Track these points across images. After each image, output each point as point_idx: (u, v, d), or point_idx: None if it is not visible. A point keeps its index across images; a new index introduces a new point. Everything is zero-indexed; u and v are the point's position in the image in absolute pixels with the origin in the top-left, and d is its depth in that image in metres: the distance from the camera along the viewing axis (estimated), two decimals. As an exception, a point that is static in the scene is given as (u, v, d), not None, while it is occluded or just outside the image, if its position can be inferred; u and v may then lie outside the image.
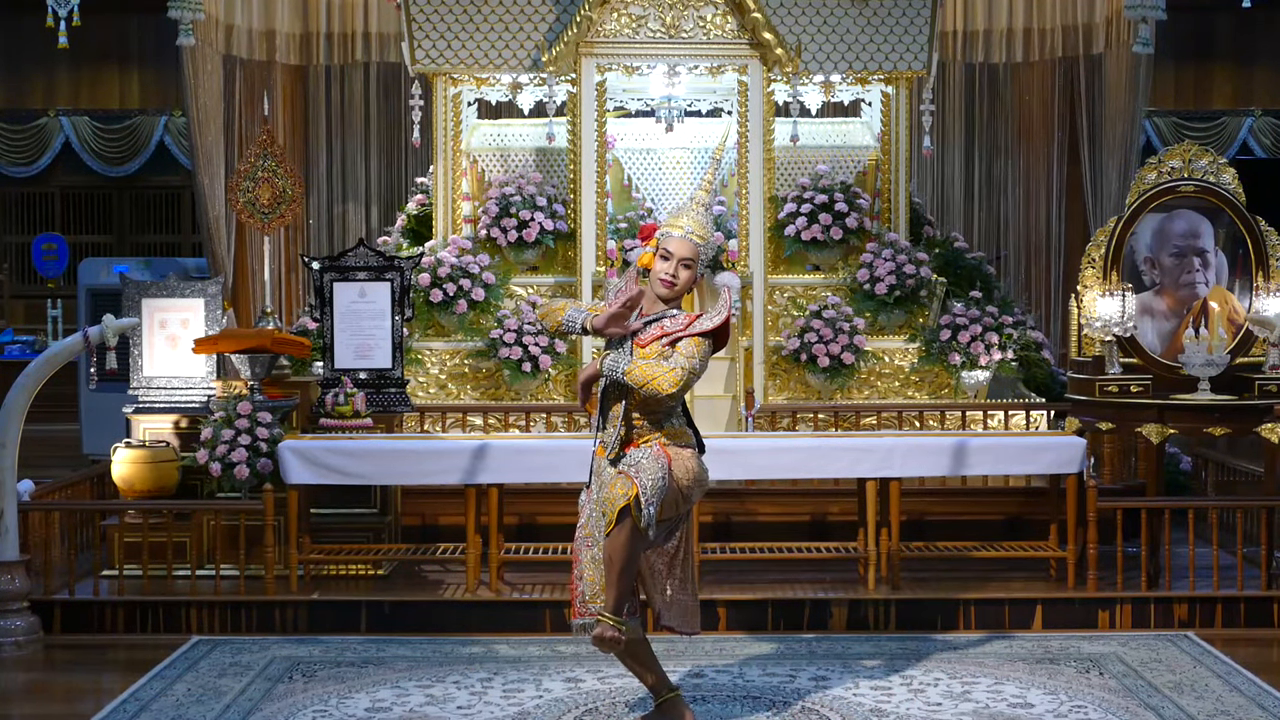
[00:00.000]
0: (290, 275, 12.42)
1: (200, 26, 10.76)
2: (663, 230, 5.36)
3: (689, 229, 5.33)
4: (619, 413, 5.33)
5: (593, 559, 5.35)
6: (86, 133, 16.28)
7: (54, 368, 7.39)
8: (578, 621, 5.40)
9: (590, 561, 5.36)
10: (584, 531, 5.42)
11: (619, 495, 5.17)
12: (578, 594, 5.39)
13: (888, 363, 10.10)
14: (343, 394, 8.18)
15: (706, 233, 5.36)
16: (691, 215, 5.37)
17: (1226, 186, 8.04)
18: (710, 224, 5.40)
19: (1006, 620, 7.35)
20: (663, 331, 5.28)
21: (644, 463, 5.24)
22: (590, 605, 5.34)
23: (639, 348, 5.27)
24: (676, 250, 5.29)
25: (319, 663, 6.73)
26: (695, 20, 9.92)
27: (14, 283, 16.62)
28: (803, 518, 8.67)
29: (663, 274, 5.30)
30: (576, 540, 5.46)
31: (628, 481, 5.18)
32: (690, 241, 5.31)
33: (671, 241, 5.31)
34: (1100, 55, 11.61)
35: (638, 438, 5.33)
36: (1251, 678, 6.38)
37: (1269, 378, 7.68)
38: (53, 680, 6.76)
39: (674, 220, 5.38)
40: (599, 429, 5.41)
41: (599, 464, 5.42)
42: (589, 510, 5.43)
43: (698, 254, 5.32)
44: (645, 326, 5.31)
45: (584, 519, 5.45)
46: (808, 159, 10.61)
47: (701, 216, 5.37)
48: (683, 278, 5.31)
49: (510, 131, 10.82)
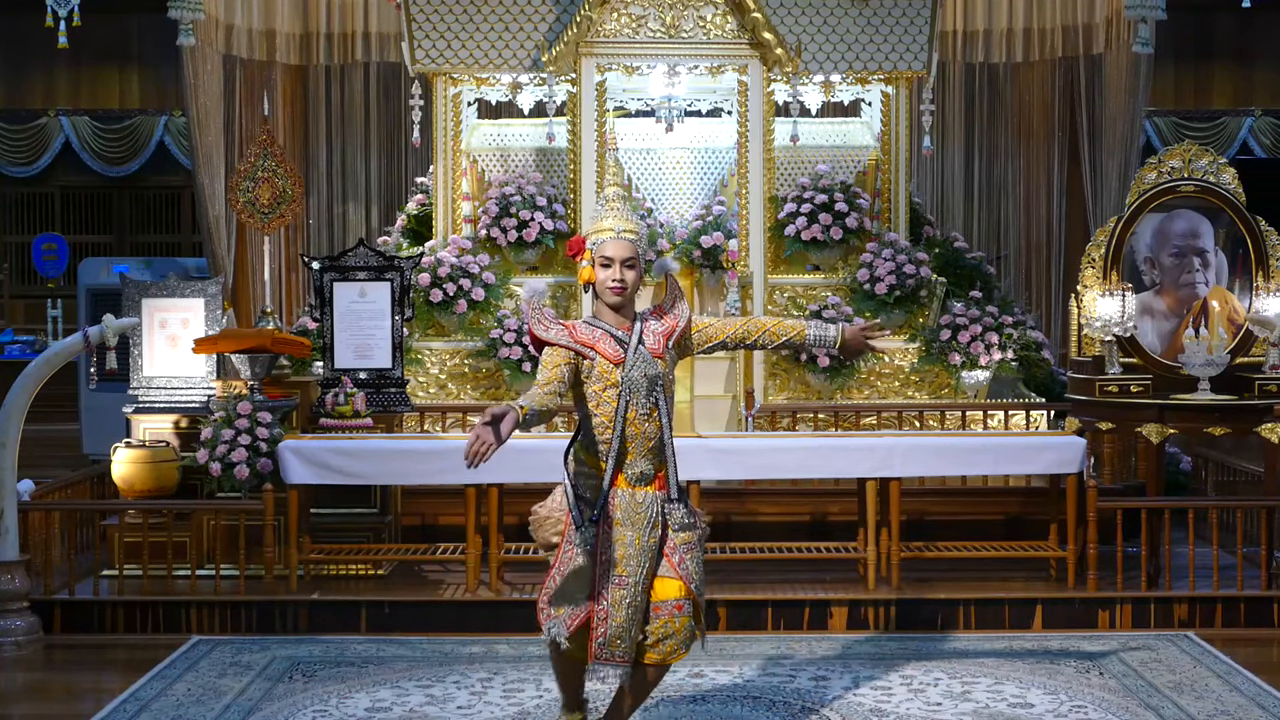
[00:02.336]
0: (290, 275, 12.42)
1: (200, 26, 10.77)
2: (592, 239, 5.05)
3: (619, 229, 5.02)
4: (657, 431, 5.00)
5: (622, 601, 4.94)
6: (86, 133, 16.29)
7: (54, 368, 7.39)
8: (598, 667, 5.00)
9: (618, 604, 4.94)
10: (618, 570, 4.95)
11: (685, 627, 5.03)
12: (598, 635, 4.96)
13: (888, 363, 10.10)
14: (343, 394, 8.18)
15: (636, 225, 5.07)
16: (615, 214, 5.07)
17: (1226, 186, 8.04)
18: (633, 213, 5.12)
19: (1006, 620, 7.35)
20: (663, 335, 5.05)
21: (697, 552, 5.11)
22: (611, 649, 4.96)
23: (657, 358, 4.99)
24: (616, 253, 4.99)
25: (319, 663, 6.73)
26: (695, 20, 9.92)
27: (14, 283, 16.64)
28: (803, 518, 8.67)
29: (610, 282, 4.99)
30: (604, 579, 4.97)
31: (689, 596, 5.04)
32: (625, 241, 5.00)
33: (607, 247, 4.99)
34: (1100, 55, 11.62)
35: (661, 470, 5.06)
36: (1251, 678, 6.38)
37: (1269, 378, 7.68)
38: (53, 680, 6.76)
39: (599, 226, 5.06)
40: (616, 458, 4.96)
41: (640, 504, 4.99)
42: (627, 552, 4.97)
43: (636, 251, 5.03)
44: (640, 342, 5.00)
45: (615, 555, 4.97)
46: (808, 159, 10.61)
47: (624, 211, 5.09)
48: (630, 279, 5.00)
49: (510, 131, 10.82)
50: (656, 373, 4.99)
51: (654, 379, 4.98)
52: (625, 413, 4.96)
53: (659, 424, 5.00)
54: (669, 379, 5.06)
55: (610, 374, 4.97)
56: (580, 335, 5.00)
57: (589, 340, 4.99)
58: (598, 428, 5.00)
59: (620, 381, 4.95)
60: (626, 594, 4.95)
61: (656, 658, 5.03)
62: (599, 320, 5.05)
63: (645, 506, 5.00)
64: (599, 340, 4.99)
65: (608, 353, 4.98)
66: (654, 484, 5.03)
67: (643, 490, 5.00)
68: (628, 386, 4.95)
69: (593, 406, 5.00)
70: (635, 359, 4.98)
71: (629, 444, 4.98)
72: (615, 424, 4.96)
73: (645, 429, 4.98)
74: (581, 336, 4.99)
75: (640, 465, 5.00)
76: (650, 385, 4.97)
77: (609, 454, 4.97)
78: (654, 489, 5.02)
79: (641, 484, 5.00)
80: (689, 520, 5.10)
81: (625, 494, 4.99)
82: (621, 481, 5.00)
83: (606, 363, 4.97)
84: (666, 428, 5.02)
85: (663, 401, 5.00)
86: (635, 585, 4.96)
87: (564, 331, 5.01)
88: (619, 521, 4.98)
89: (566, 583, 5.00)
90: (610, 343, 4.99)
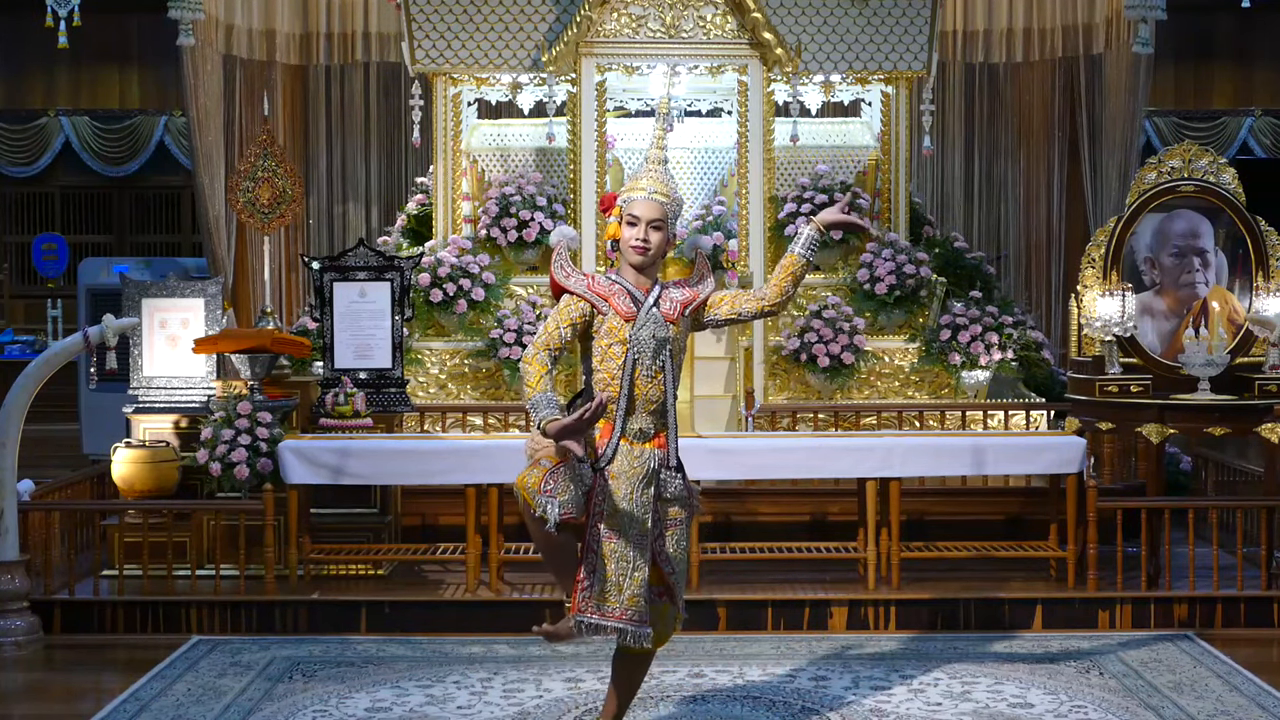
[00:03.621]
0: (290, 275, 12.42)
1: (200, 26, 10.76)
2: (624, 196, 5.04)
3: (651, 189, 5.00)
4: (660, 395, 5.03)
5: (613, 554, 4.90)
6: (86, 133, 16.28)
7: (54, 368, 7.39)
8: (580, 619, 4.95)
9: (609, 557, 4.91)
10: (610, 523, 4.93)
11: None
12: (583, 585, 4.93)
13: (888, 363, 10.10)
14: (343, 394, 8.18)
15: (669, 189, 5.04)
16: (650, 175, 5.06)
17: (1226, 186, 8.04)
18: (671, 180, 5.09)
19: (1006, 620, 7.35)
20: (681, 303, 5.03)
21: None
22: (599, 604, 4.92)
23: (670, 323, 4.99)
24: (643, 213, 4.97)
25: (319, 663, 6.73)
26: (695, 20, 9.93)
27: (14, 283, 16.63)
28: (803, 518, 8.67)
29: (634, 240, 4.97)
30: (595, 529, 4.94)
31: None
32: (655, 201, 4.98)
33: (636, 205, 4.98)
34: (1100, 55, 11.62)
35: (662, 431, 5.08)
36: (1251, 678, 6.38)
37: (1269, 378, 7.68)
38: (53, 680, 6.76)
39: (634, 184, 5.05)
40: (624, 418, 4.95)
41: (637, 457, 4.96)
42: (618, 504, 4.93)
43: (665, 213, 4.99)
44: (656, 304, 4.99)
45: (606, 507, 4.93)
46: (808, 159, 10.61)
47: (660, 174, 5.06)
48: (655, 240, 4.98)
49: (510, 131, 10.82)
50: (666, 336, 4.98)
51: (662, 341, 4.97)
52: (632, 372, 4.95)
53: (663, 388, 4.99)
54: (678, 345, 5.05)
55: (620, 330, 4.96)
56: (598, 287, 5.01)
57: (605, 293, 4.99)
58: (599, 383, 4.99)
59: (629, 339, 4.95)
60: (613, 545, 4.92)
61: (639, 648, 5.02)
62: (620, 277, 5.04)
63: (642, 460, 4.97)
64: (615, 295, 4.99)
65: (621, 308, 4.97)
66: (653, 442, 5.01)
67: (640, 446, 4.99)
68: (635, 345, 4.94)
69: (598, 361, 4.99)
70: (646, 319, 4.97)
71: (634, 403, 4.97)
72: (622, 382, 4.95)
73: (649, 391, 4.97)
74: (599, 288, 5.00)
75: (641, 422, 4.99)
76: (658, 347, 4.97)
77: (616, 412, 4.94)
78: (653, 446, 5.01)
79: (640, 440, 4.99)
80: (683, 493, 5.10)
81: (624, 447, 4.98)
82: (622, 438, 4.98)
83: (618, 318, 4.96)
84: (670, 392, 5.01)
85: (669, 366, 5.00)
86: (624, 537, 4.92)
87: (584, 281, 5.02)
88: (614, 474, 4.96)
89: (569, 480, 4.85)
90: (625, 299, 4.99)
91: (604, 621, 4.94)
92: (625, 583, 4.93)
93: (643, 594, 4.97)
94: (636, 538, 4.95)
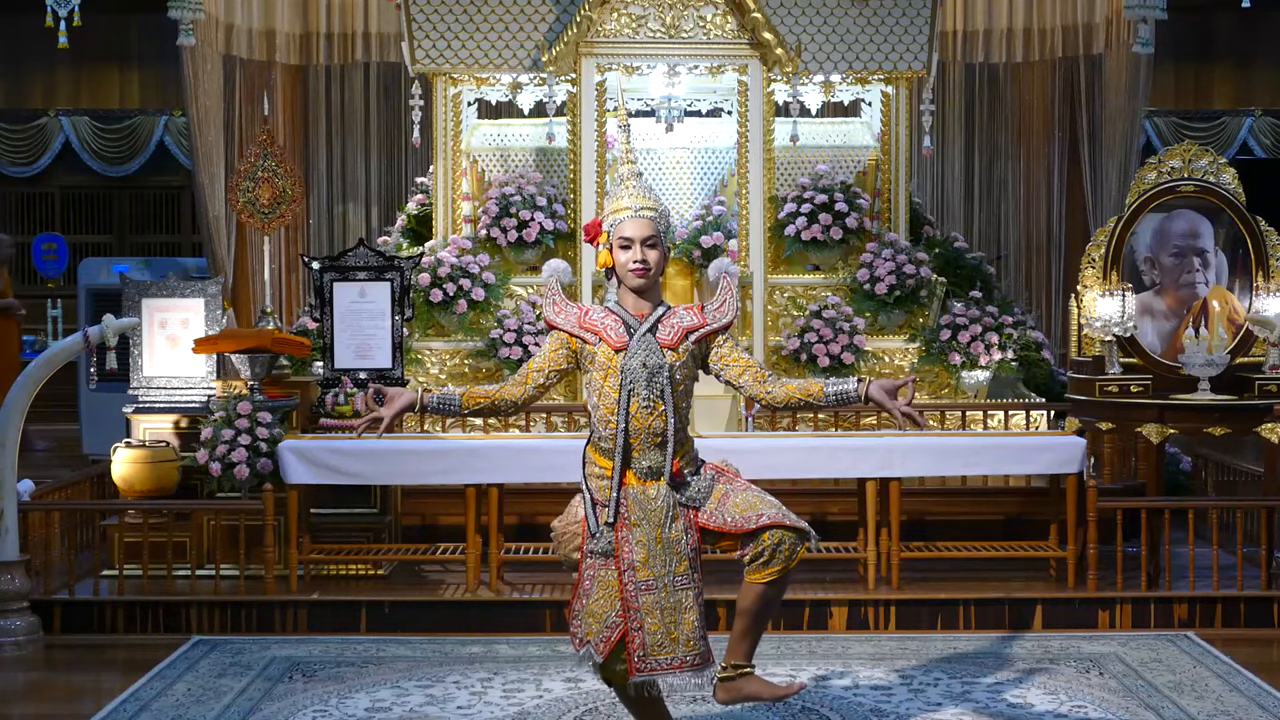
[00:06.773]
0: (290, 275, 12.42)
1: (200, 26, 10.77)
2: (609, 220, 4.76)
3: (637, 207, 4.73)
4: (664, 427, 4.73)
5: (655, 606, 4.72)
6: (86, 133, 16.29)
7: (54, 368, 7.38)
8: (640, 679, 4.74)
9: (650, 610, 4.71)
10: (642, 575, 4.72)
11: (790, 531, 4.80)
12: (635, 647, 4.71)
13: (888, 363, 10.10)
14: (343, 394, 8.18)
15: (654, 201, 4.77)
16: (630, 191, 4.77)
17: (1226, 186, 8.04)
18: (652, 190, 4.82)
19: (1006, 620, 7.34)
20: (683, 329, 4.77)
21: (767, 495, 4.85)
22: (654, 659, 4.72)
23: (668, 349, 4.72)
24: (635, 233, 4.70)
25: (319, 663, 6.73)
26: (695, 20, 9.92)
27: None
28: (802, 518, 8.64)
29: (632, 264, 4.70)
30: (631, 585, 4.73)
31: (777, 510, 4.82)
32: (644, 218, 4.71)
33: (625, 227, 4.71)
34: (1100, 55, 11.63)
35: (683, 458, 4.81)
36: (1251, 678, 6.38)
37: (1269, 378, 7.68)
38: (53, 680, 6.76)
39: (616, 204, 4.77)
40: (622, 454, 4.72)
41: (652, 499, 4.76)
42: (649, 552, 4.74)
43: (657, 228, 4.73)
44: (654, 327, 4.76)
45: (636, 559, 4.74)
46: (808, 159, 10.61)
47: (639, 187, 4.78)
48: (653, 259, 4.71)
49: (510, 131, 10.82)
50: (660, 363, 4.71)
51: (655, 369, 4.70)
52: (628, 405, 4.69)
53: (665, 420, 4.72)
54: (681, 373, 4.77)
55: (611, 361, 4.72)
56: (589, 321, 4.78)
57: (596, 326, 4.76)
58: (600, 421, 4.76)
59: (620, 369, 4.70)
60: (655, 597, 4.70)
61: (760, 575, 4.82)
62: (618, 305, 4.80)
63: (658, 501, 4.75)
64: (607, 326, 4.76)
65: (611, 338, 4.73)
66: (664, 478, 4.76)
67: (653, 485, 4.75)
68: (627, 375, 4.69)
69: (597, 398, 4.76)
70: (638, 346, 4.71)
71: (634, 439, 4.72)
72: (618, 417, 4.69)
73: (650, 423, 4.71)
74: (590, 322, 4.78)
75: (648, 459, 4.74)
76: (651, 376, 4.70)
77: (614, 450, 4.70)
78: (664, 482, 4.77)
79: (651, 478, 4.75)
80: (709, 483, 4.86)
81: (636, 491, 4.74)
82: (631, 479, 4.75)
83: (608, 349, 4.73)
84: (672, 423, 4.74)
85: (669, 396, 4.72)
86: (664, 586, 4.72)
87: (574, 315, 4.80)
88: (634, 522, 4.73)
89: (592, 601, 4.76)
90: (618, 328, 4.75)
91: (665, 677, 4.74)
92: (677, 631, 4.72)
93: (696, 635, 4.75)
94: (678, 580, 4.75)
